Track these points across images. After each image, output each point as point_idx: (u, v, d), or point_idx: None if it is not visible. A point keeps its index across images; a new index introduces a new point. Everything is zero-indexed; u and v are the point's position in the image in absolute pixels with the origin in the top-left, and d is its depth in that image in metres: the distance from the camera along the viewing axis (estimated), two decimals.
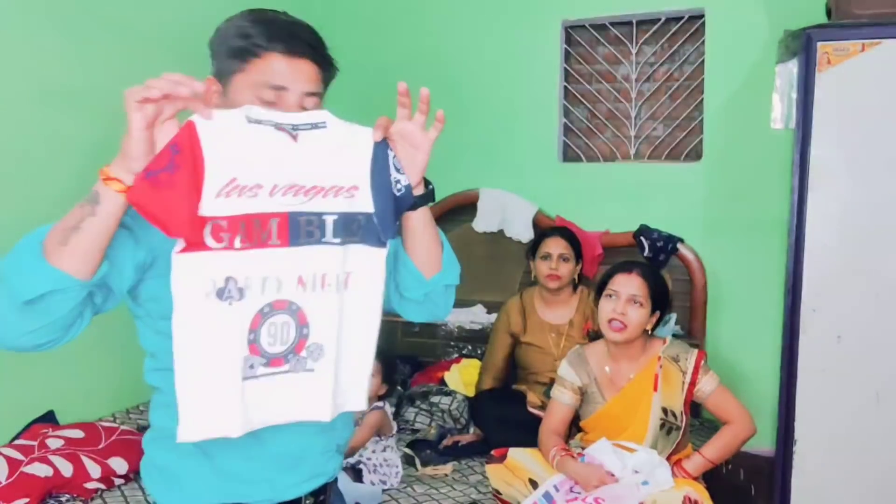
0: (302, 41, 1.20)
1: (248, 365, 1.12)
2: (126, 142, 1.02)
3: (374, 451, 2.44)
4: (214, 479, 1.25)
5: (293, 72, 1.18)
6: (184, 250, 1.06)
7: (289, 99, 1.18)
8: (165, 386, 1.20)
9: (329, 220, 1.15)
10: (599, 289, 2.27)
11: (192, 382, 1.10)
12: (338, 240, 1.16)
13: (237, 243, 1.08)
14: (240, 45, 1.18)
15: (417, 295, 1.33)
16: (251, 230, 1.09)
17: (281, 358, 1.14)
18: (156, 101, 1.00)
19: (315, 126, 1.15)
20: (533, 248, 2.91)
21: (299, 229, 1.12)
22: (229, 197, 1.07)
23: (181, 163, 1.02)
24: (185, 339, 1.08)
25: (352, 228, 1.18)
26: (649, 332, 2.22)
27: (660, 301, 2.22)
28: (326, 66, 1.25)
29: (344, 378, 1.20)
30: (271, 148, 1.10)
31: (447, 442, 2.74)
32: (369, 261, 1.20)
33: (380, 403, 2.48)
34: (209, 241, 1.06)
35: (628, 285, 2.19)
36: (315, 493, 1.33)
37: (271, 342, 1.13)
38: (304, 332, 1.15)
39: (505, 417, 2.70)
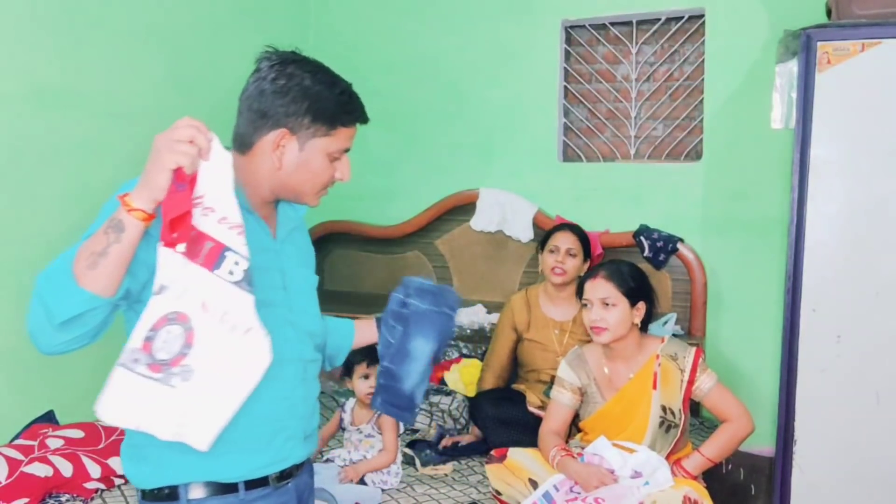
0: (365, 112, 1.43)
1: (132, 357, 1.20)
2: (154, 176, 1.15)
3: (380, 451, 2.43)
4: (181, 457, 1.28)
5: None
6: (166, 245, 1.19)
7: (346, 155, 1.41)
8: None
9: (248, 270, 1.23)
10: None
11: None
12: (252, 290, 1.22)
13: (180, 247, 1.18)
14: (340, 115, 1.37)
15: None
16: (194, 242, 1.19)
17: (160, 365, 1.19)
18: (191, 143, 1.16)
19: None
20: (542, 242, 2.91)
21: (224, 263, 1.20)
22: (195, 207, 1.19)
23: (186, 181, 1.19)
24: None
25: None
26: (639, 326, 2.22)
27: (637, 293, 2.21)
28: None
29: (196, 411, 1.22)
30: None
31: (446, 442, 2.74)
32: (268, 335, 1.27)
33: None
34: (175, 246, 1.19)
35: (596, 290, 2.20)
36: (282, 474, 1.39)
37: (161, 347, 1.19)
38: (185, 350, 1.19)
39: (504, 418, 2.69)
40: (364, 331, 1.74)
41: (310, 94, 1.34)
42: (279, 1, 3.62)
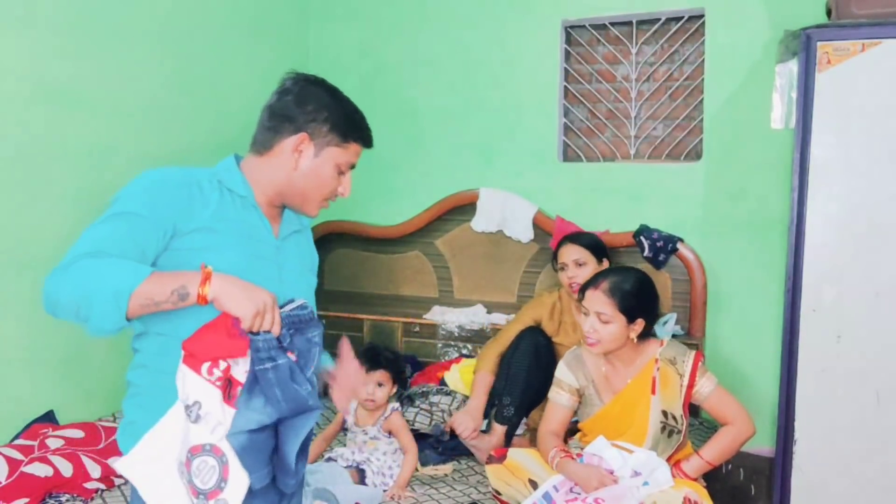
0: None
1: (180, 468, 1.31)
2: (245, 298, 1.29)
3: (384, 454, 2.43)
4: None
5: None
6: (185, 361, 1.30)
7: (349, 173, 1.57)
8: (143, 382, 1.44)
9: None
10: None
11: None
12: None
13: (217, 382, 1.30)
14: (352, 130, 1.53)
15: None
16: (229, 384, 1.31)
17: (197, 491, 1.31)
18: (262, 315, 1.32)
19: None
20: (554, 261, 2.91)
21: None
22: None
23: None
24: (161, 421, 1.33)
25: None
26: (635, 340, 2.19)
27: (637, 310, 2.16)
28: None
29: None
30: None
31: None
32: None
33: (395, 405, 2.48)
34: (203, 369, 1.30)
35: (594, 303, 2.17)
36: None
37: (197, 474, 1.30)
38: (221, 484, 1.31)
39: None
40: None
41: (328, 106, 1.51)
42: (281, 3, 3.62)
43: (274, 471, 1.44)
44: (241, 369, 1.32)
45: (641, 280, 2.24)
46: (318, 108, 1.49)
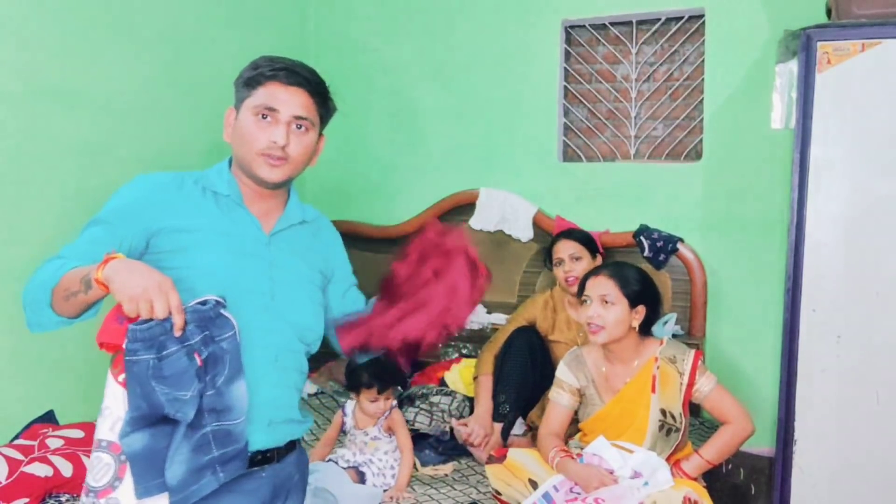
0: (298, 74, 1.48)
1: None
2: (131, 281, 1.22)
3: (386, 453, 2.43)
4: None
5: (288, 97, 1.46)
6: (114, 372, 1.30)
7: (280, 118, 1.45)
8: None
9: None
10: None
11: None
12: None
13: (121, 377, 1.29)
14: (250, 75, 1.48)
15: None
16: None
17: (86, 489, 1.29)
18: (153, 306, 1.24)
19: None
20: (547, 260, 2.92)
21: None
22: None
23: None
24: None
25: None
26: (637, 330, 2.20)
27: (640, 295, 2.19)
28: (321, 100, 1.52)
29: None
30: None
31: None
32: None
33: (393, 403, 2.48)
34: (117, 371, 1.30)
35: (597, 287, 2.19)
36: (251, 459, 1.46)
37: (90, 471, 1.29)
38: (115, 483, 1.28)
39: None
40: None
41: (244, 71, 1.51)
42: (281, 2, 3.62)
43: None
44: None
45: (641, 270, 2.29)
46: (237, 79, 1.52)
